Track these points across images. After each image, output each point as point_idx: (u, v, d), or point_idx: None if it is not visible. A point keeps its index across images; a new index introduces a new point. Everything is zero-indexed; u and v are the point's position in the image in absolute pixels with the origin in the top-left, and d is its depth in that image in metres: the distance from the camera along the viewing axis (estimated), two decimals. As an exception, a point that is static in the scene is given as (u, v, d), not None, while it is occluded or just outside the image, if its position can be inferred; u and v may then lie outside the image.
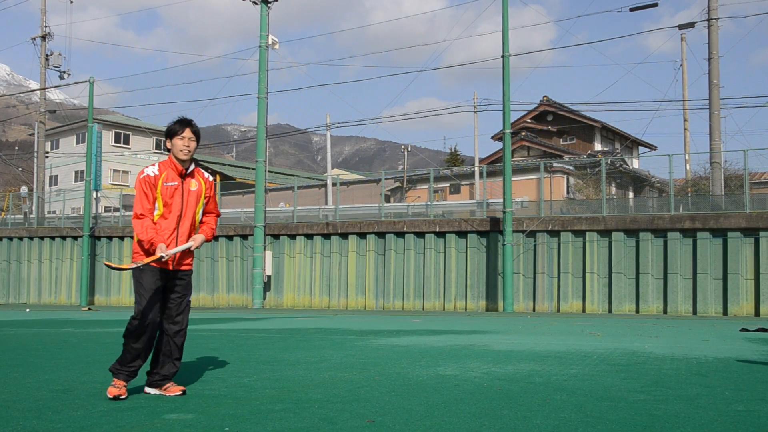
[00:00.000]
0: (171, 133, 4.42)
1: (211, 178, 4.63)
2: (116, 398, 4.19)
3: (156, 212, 4.36)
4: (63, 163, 47.51)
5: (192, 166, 4.50)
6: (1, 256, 30.88)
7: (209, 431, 3.40)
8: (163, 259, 4.24)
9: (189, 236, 4.45)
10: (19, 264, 30.45)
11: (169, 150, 4.47)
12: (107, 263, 4.48)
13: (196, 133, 4.45)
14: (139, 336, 4.27)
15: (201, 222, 4.57)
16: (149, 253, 4.32)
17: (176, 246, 4.36)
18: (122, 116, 51.18)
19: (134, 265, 4.23)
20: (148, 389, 4.47)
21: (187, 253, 4.48)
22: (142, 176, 4.35)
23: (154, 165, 4.42)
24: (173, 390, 4.40)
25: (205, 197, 4.52)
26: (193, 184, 4.46)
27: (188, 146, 4.41)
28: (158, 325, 4.39)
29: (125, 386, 4.29)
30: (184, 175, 4.44)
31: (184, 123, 4.44)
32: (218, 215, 4.72)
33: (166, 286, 4.40)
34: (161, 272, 4.35)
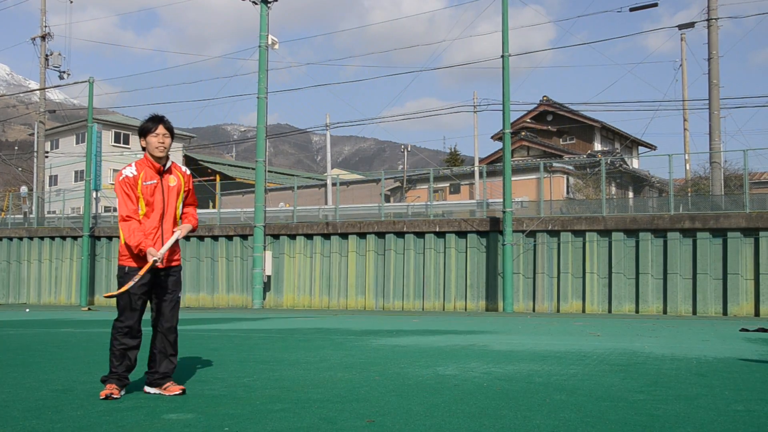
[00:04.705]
0: (144, 131, 4.41)
1: (188, 172, 4.65)
2: (108, 397, 4.21)
3: (139, 212, 4.35)
4: (63, 163, 47.50)
5: (168, 163, 4.50)
6: (1, 256, 30.87)
7: (209, 431, 3.40)
8: (157, 264, 4.24)
9: (172, 232, 4.45)
10: (18, 264, 30.45)
11: (144, 149, 4.46)
12: (107, 295, 4.49)
13: (170, 129, 4.47)
14: (124, 338, 4.32)
15: (182, 214, 4.57)
16: (138, 257, 4.31)
17: (162, 244, 4.35)
18: (122, 116, 51.11)
19: (132, 284, 4.21)
20: (147, 389, 4.48)
21: (175, 249, 4.50)
22: (120, 178, 4.34)
23: (130, 165, 4.41)
24: (173, 389, 4.41)
25: (184, 191, 4.54)
26: (171, 180, 4.47)
27: (163, 143, 4.40)
28: (139, 326, 4.40)
29: (117, 388, 4.31)
30: (161, 173, 4.44)
31: (156, 120, 4.44)
32: (196, 205, 4.75)
33: (156, 284, 4.42)
34: (150, 272, 4.34)
